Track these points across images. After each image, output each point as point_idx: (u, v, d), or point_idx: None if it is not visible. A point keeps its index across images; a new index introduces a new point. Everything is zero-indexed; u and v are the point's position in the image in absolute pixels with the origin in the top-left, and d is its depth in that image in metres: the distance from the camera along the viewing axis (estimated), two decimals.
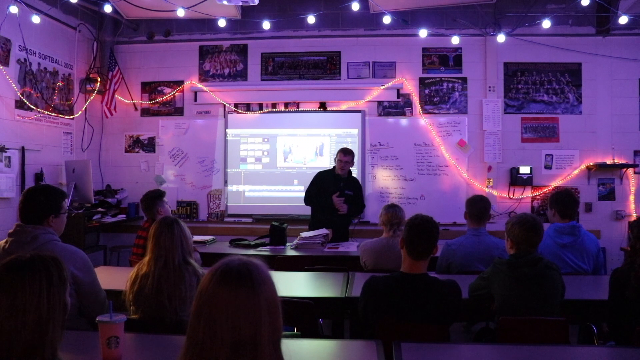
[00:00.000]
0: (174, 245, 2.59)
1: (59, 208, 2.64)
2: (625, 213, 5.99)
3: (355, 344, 2.42)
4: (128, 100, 6.50)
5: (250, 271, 1.29)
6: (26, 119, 5.26)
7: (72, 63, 6.01)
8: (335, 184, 5.27)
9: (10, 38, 5.00)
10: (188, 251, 2.67)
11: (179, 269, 2.56)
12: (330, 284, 3.40)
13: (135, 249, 4.24)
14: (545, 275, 2.70)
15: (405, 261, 2.57)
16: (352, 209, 5.32)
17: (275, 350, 1.29)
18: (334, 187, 5.24)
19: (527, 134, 6.15)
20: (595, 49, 6.03)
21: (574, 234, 3.60)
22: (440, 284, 2.53)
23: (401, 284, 2.52)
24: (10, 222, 4.68)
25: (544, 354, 2.20)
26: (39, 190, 2.70)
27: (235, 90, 6.46)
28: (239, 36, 6.45)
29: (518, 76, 6.17)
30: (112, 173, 6.57)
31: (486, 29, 6.05)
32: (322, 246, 4.77)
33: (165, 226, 2.63)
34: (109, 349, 1.94)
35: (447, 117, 6.21)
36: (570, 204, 3.76)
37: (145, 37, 6.50)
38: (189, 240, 2.71)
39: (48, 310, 1.41)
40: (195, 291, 1.37)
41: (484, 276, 2.88)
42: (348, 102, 6.30)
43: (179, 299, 2.50)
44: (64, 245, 2.59)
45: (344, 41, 6.33)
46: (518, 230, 2.77)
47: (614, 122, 6.04)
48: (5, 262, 1.45)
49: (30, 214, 2.58)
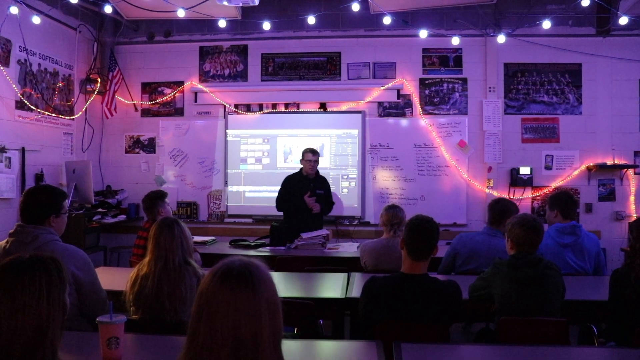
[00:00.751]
0: (174, 246, 2.59)
1: (59, 208, 2.64)
2: (626, 214, 5.99)
3: (356, 344, 2.42)
4: (128, 100, 6.50)
5: (250, 272, 1.29)
6: (26, 120, 5.27)
7: (72, 64, 6.02)
8: (306, 185, 5.31)
9: (11, 39, 5.01)
10: (188, 252, 2.67)
11: (179, 269, 2.57)
12: (331, 285, 3.40)
13: (135, 250, 4.24)
14: (546, 275, 2.70)
15: (406, 262, 2.57)
16: (324, 208, 5.37)
17: (276, 350, 1.29)
18: (305, 188, 5.27)
19: (527, 134, 6.15)
20: (596, 50, 6.03)
21: (575, 234, 3.60)
22: (440, 285, 2.53)
23: (401, 285, 2.52)
24: (11, 222, 4.68)
25: (544, 355, 2.20)
26: (39, 191, 2.70)
27: (235, 90, 6.46)
28: (239, 37, 6.46)
29: (518, 77, 6.17)
30: (112, 174, 6.57)
31: (486, 29, 6.05)
32: (322, 247, 4.78)
33: (165, 227, 2.63)
34: (109, 349, 1.94)
35: (447, 118, 6.22)
36: (572, 205, 3.79)
37: (145, 37, 6.51)
38: (189, 241, 2.71)
39: (48, 311, 1.41)
40: (195, 292, 1.37)
41: (484, 277, 2.88)
42: (348, 102, 6.30)
43: (179, 300, 2.50)
44: (65, 245, 2.59)
45: (344, 42, 6.33)
46: (518, 231, 2.77)
47: (614, 123, 6.04)
48: (4, 263, 1.45)
49: (31, 214, 2.58)
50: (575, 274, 3.52)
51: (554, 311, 2.70)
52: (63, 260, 1.53)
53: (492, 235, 3.68)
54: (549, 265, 2.76)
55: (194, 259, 2.72)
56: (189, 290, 2.52)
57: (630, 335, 2.40)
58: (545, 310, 2.65)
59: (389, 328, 2.41)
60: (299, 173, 5.42)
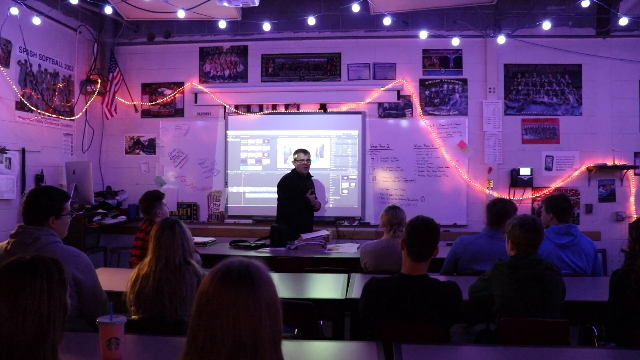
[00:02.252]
0: (175, 246, 2.60)
1: (60, 210, 2.63)
2: (626, 214, 5.99)
3: (356, 345, 2.42)
4: (128, 101, 6.51)
5: (250, 272, 1.29)
6: (27, 121, 5.27)
7: (72, 64, 6.02)
8: (304, 184, 5.42)
9: (11, 39, 5.01)
10: (189, 252, 2.68)
11: (180, 269, 2.57)
12: (331, 286, 3.40)
13: (133, 251, 4.24)
14: (546, 276, 2.70)
15: (406, 262, 2.57)
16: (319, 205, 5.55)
17: (276, 351, 1.29)
18: (304, 188, 5.37)
19: (527, 135, 6.15)
20: (596, 51, 6.04)
21: (572, 234, 3.60)
22: (440, 285, 2.53)
23: (401, 285, 2.52)
24: (11, 223, 4.69)
25: (544, 356, 2.20)
26: (41, 192, 2.70)
27: (235, 91, 6.46)
28: (239, 37, 6.46)
29: (518, 77, 6.17)
30: (112, 174, 6.58)
31: (486, 30, 6.06)
32: (323, 247, 4.77)
33: (166, 226, 2.64)
34: (110, 350, 1.95)
35: (447, 119, 6.22)
36: (567, 209, 3.75)
37: (145, 38, 6.51)
38: (189, 241, 2.72)
39: (49, 312, 1.41)
40: (195, 291, 1.37)
41: (484, 278, 2.88)
42: (348, 103, 6.30)
43: (180, 299, 2.51)
44: (66, 247, 2.59)
45: (344, 42, 6.33)
46: (519, 232, 2.77)
47: (614, 124, 6.04)
48: (5, 264, 1.45)
49: (32, 215, 2.58)
50: (574, 275, 3.52)
51: (555, 312, 2.70)
52: (64, 262, 1.53)
53: (492, 236, 3.67)
54: (550, 267, 2.75)
55: (194, 259, 2.72)
56: (189, 289, 2.52)
57: (630, 336, 2.40)
58: (545, 311, 2.65)
59: (389, 329, 2.41)
60: (293, 174, 5.46)
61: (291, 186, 5.38)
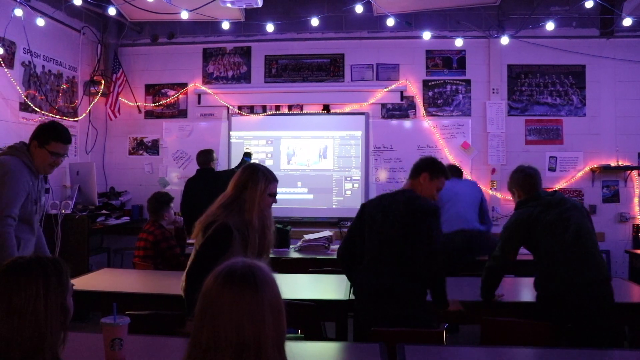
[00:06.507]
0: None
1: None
2: (630, 215, 5.96)
3: (359, 346, 2.42)
4: (132, 102, 6.52)
5: (254, 273, 1.29)
6: (30, 121, 5.28)
7: (76, 65, 6.04)
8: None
9: (15, 41, 5.03)
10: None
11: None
12: (334, 286, 3.40)
13: (137, 251, 4.26)
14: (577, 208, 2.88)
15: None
16: None
17: (279, 352, 1.29)
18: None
19: (530, 136, 6.14)
20: (599, 51, 6.02)
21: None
22: (420, 203, 2.68)
23: (387, 196, 2.78)
24: None
25: (544, 356, 2.20)
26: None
27: (238, 92, 6.46)
28: (243, 39, 6.47)
29: (522, 78, 6.16)
30: (116, 175, 6.58)
31: (490, 31, 6.05)
32: (326, 248, 4.77)
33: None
34: (113, 351, 1.95)
35: (450, 120, 6.21)
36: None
37: (149, 39, 6.52)
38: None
39: (45, 315, 1.39)
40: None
41: (520, 219, 2.83)
42: (351, 104, 6.30)
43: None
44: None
45: (348, 43, 6.33)
46: (524, 177, 2.85)
47: (618, 124, 6.02)
48: (2, 265, 1.45)
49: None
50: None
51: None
52: (64, 264, 1.52)
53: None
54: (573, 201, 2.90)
55: None
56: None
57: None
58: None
59: (388, 332, 2.41)
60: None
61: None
